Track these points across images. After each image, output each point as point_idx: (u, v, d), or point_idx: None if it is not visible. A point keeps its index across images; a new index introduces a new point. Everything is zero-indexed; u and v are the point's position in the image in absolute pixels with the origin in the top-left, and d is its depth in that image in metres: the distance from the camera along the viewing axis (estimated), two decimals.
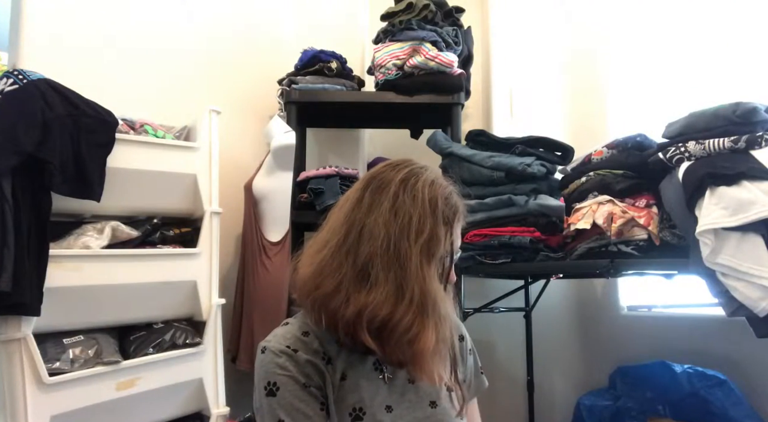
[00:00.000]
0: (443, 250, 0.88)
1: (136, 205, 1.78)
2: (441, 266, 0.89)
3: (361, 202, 0.90)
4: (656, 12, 2.24)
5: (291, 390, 0.84)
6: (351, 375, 0.89)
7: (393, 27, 2.18)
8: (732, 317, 1.37)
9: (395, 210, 0.87)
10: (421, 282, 0.84)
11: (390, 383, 0.91)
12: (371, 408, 0.87)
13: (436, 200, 0.89)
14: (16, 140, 1.41)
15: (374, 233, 0.86)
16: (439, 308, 0.85)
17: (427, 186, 0.90)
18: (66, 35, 1.96)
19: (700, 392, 1.77)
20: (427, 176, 0.92)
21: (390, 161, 0.97)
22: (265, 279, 2.08)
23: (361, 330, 0.84)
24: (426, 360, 0.84)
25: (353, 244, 0.87)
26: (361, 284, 0.85)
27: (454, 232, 0.91)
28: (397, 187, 0.89)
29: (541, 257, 1.85)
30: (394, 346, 0.85)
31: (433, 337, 0.84)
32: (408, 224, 0.86)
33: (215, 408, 1.82)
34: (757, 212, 1.30)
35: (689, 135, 1.52)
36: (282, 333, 0.91)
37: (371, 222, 0.87)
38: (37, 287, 1.43)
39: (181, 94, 2.27)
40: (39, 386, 1.43)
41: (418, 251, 0.85)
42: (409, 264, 0.84)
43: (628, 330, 2.30)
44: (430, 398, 0.93)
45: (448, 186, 0.94)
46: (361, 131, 2.72)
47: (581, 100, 2.55)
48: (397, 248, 0.85)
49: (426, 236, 0.86)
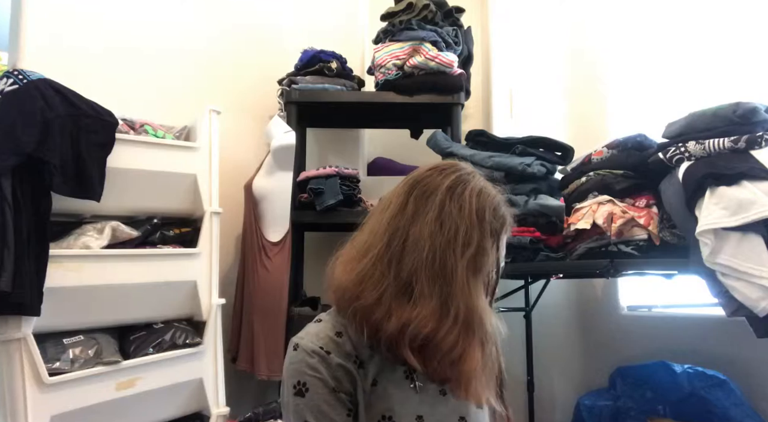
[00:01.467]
0: (489, 264, 0.85)
1: (136, 205, 1.78)
2: (487, 280, 0.86)
3: (405, 208, 0.87)
4: (656, 12, 2.24)
5: (320, 394, 0.81)
6: (381, 381, 0.85)
7: (393, 27, 2.18)
8: (732, 317, 1.37)
9: (441, 220, 0.84)
10: (467, 298, 0.81)
11: (421, 392, 0.86)
12: (401, 418, 0.83)
13: (483, 211, 0.85)
14: (16, 140, 1.41)
15: (419, 245, 0.83)
16: (485, 325, 0.82)
17: (475, 196, 0.86)
18: (66, 35, 1.96)
19: (700, 392, 1.77)
20: (475, 184, 0.88)
21: (436, 164, 0.93)
22: (265, 279, 2.08)
23: (403, 346, 0.81)
24: (472, 380, 0.82)
25: (396, 254, 0.84)
26: (404, 298, 0.82)
27: (500, 244, 0.88)
28: (443, 195, 0.85)
29: (541, 257, 1.85)
30: (438, 364, 0.82)
31: (479, 356, 0.81)
32: (454, 236, 0.83)
33: (215, 408, 1.82)
34: (757, 212, 1.30)
35: (689, 135, 1.52)
36: (315, 331, 0.87)
37: (416, 232, 0.84)
38: (37, 287, 1.43)
39: (181, 94, 2.27)
40: (39, 386, 1.43)
41: (464, 265, 0.82)
42: (454, 279, 0.81)
43: (628, 330, 2.30)
44: (460, 413, 0.88)
45: (496, 195, 0.90)
46: (361, 131, 2.72)
47: (581, 100, 2.55)
48: (442, 261, 0.82)
49: (473, 249, 0.83)
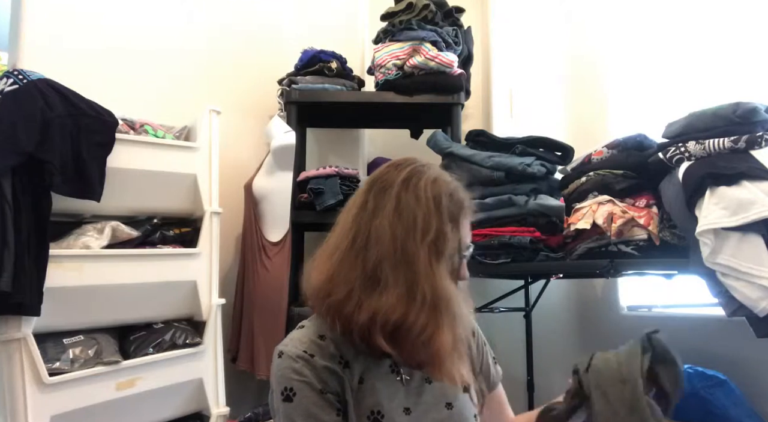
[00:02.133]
0: (451, 247, 0.87)
1: (136, 205, 1.78)
2: (451, 263, 0.88)
3: (366, 205, 0.90)
4: (656, 12, 2.24)
5: (307, 396, 0.83)
6: (368, 378, 0.87)
7: (393, 27, 2.18)
8: (732, 317, 1.37)
9: (399, 211, 0.87)
10: (432, 281, 0.84)
11: (407, 385, 0.90)
12: (389, 412, 0.86)
13: (440, 198, 0.88)
14: (16, 140, 1.41)
15: (381, 237, 0.86)
16: (452, 306, 0.85)
17: (430, 184, 0.89)
18: (66, 35, 1.96)
19: (700, 392, 1.76)
20: (429, 175, 0.91)
21: (392, 161, 0.97)
22: (265, 279, 2.08)
23: (376, 334, 0.83)
24: (444, 360, 0.84)
25: (361, 249, 0.87)
26: (372, 289, 0.85)
27: (461, 228, 0.90)
28: (399, 187, 0.89)
29: (541, 257, 1.85)
30: (411, 348, 0.85)
31: (449, 336, 0.84)
32: (413, 224, 0.85)
33: (215, 408, 1.82)
34: (757, 212, 1.30)
35: (689, 135, 1.52)
36: (298, 336, 0.90)
37: (377, 225, 0.87)
38: (37, 287, 1.43)
39: (181, 94, 2.27)
40: (39, 386, 1.43)
41: (426, 251, 0.85)
42: (417, 264, 0.84)
43: (628, 330, 2.29)
44: (447, 399, 0.92)
45: (451, 182, 0.93)
46: (361, 131, 2.72)
47: (581, 100, 2.54)
48: (404, 249, 0.84)
49: (432, 234, 0.85)
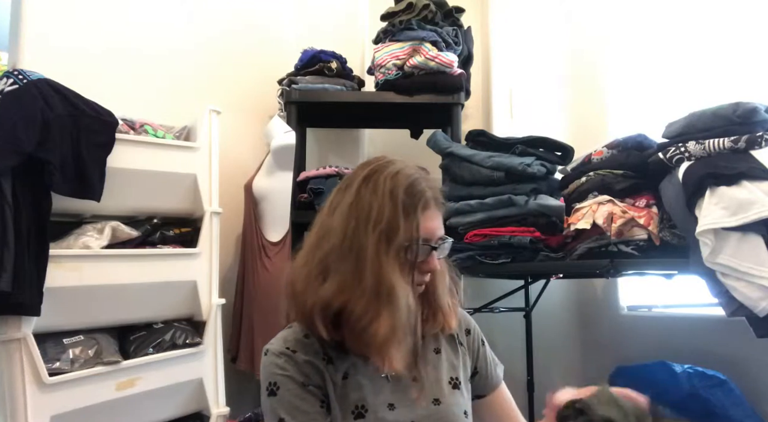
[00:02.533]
0: (403, 237, 0.86)
1: (136, 205, 1.78)
2: (405, 254, 0.87)
3: (331, 204, 0.93)
4: (656, 12, 2.24)
5: (290, 389, 0.86)
6: (353, 374, 0.90)
7: (393, 27, 2.18)
8: (732, 317, 1.37)
9: (356, 205, 0.88)
10: (376, 270, 0.84)
11: (393, 381, 0.92)
12: (373, 406, 0.88)
13: (396, 190, 0.88)
14: (16, 140, 1.41)
15: (334, 230, 0.88)
16: (395, 295, 0.84)
17: (390, 178, 0.89)
18: (66, 35, 1.96)
19: (700, 392, 1.76)
20: (392, 169, 0.91)
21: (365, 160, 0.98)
22: (265, 279, 2.08)
23: (318, 321, 0.86)
24: (382, 347, 0.85)
25: (318, 245, 0.90)
26: (323, 279, 0.87)
27: (421, 218, 0.88)
28: (359, 183, 0.90)
29: (541, 257, 1.85)
30: (351, 336, 0.87)
31: (388, 324, 0.83)
32: (367, 216, 0.86)
33: (215, 408, 1.82)
34: (757, 212, 1.30)
35: (689, 135, 1.52)
36: (284, 335, 0.93)
37: (332, 220, 0.90)
38: (37, 287, 1.43)
39: (181, 95, 2.27)
40: (39, 386, 1.43)
41: (375, 240, 0.85)
42: (365, 254, 0.85)
43: (628, 330, 2.30)
44: (434, 395, 0.93)
45: (413, 175, 0.91)
46: (361, 131, 2.72)
47: (581, 100, 2.55)
48: (353, 239, 0.86)
49: (383, 224, 0.86)
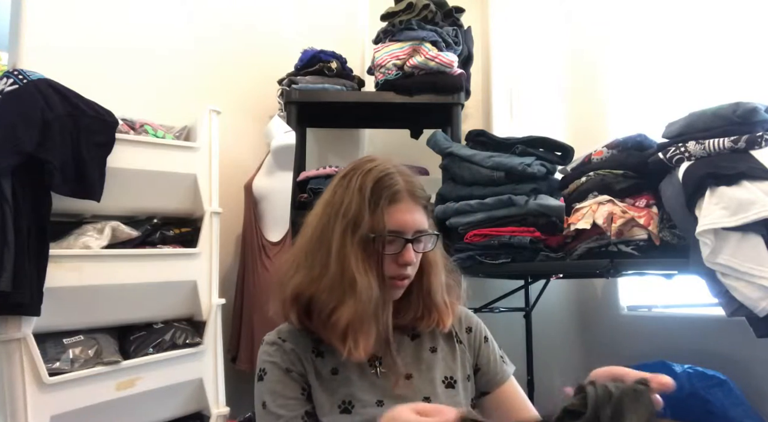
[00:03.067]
0: (368, 229, 0.87)
1: (136, 205, 1.78)
2: (372, 245, 0.88)
3: (315, 204, 0.97)
4: (656, 12, 2.24)
5: (275, 374, 0.90)
6: (343, 370, 0.91)
7: (393, 27, 2.18)
8: (732, 317, 1.37)
9: (330, 201, 0.92)
10: (341, 261, 0.87)
11: (383, 378, 0.92)
12: (362, 402, 0.89)
13: (365, 184, 0.90)
14: (16, 140, 1.41)
15: (308, 225, 0.94)
16: (357, 285, 0.86)
17: (362, 175, 0.91)
18: (66, 35, 1.96)
19: (700, 392, 1.76)
20: (366, 167, 0.92)
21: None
22: (265, 279, 2.08)
23: (293, 311, 0.91)
24: (344, 334, 0.86)
25: (295, 241, 0.96)
26: (294, 271, 0.92)
27: (385, 210, 0.88)
28: (338, 181, 0.94)
29: (541, 257, 1.85)
30: (319, 323, 0.90)
31: (350, 312, 0.85)
32: (337, 211, 0.90)
33: (215, 408, 1.82)
34: (757, 212, 1.30)
35: (689, 135, 1.52)
36: (281, 327, 0.98)
37: (309, 217, 0.95)
38: (37, 287, 1.43)
39: (181, 95, 2.27)
40: (39, 386, 1.43)
41: (341, 232, 0.88)
42: (332, 245, 0.88)
43: (628, 330, 2.30)
44: (424, 394, 0.93)
45: (386, 170, 0.91)
46: (361, 131, 2.72)
47: (581, 100, 2.54)
48: (323, 232, 0.90)
49: (350, 217, 0.88)
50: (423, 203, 0.94)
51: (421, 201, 0.93)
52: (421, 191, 0.94)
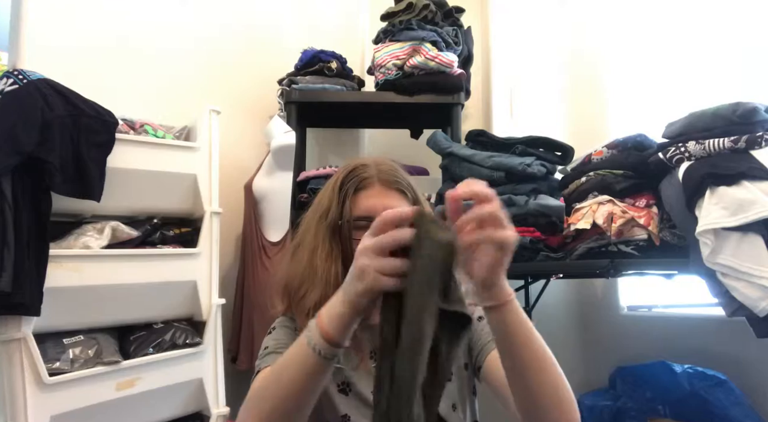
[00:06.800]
0: (335, 216, 0.92)
1: (136, 205, 1.78)
2: (341, 231, 0.92)
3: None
4: (656, 12, 2.24)
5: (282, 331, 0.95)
6: (345, 363, 0.93)
7: (393, 27, 2.17)
8: (732, 317, 1.37)
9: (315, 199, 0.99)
10: (311, 248, 0.93)
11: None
12: (358, 386, 0.92)
13: (339, 177, 0.95)
14: (16, 140, 1.41)
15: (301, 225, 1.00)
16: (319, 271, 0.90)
17: (341, 171, 0.96)
18: (66, 35, 1.96)
19: (700, 392, 1.76)
20: (350, 164, 0.97)
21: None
22: (265, 279, 2.08)
23: (279, 299, 0.97)
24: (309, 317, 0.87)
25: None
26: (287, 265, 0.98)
27: (350, 197, 0.92)
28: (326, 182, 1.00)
29: (541, 257, 1.85)
30: (295, 308, 0.94)
31: (315, 296, 0.89)
32: (316, 205, 0.97)
33: (215, 408, 1.82)
34: (757, 212, 1.30)
35: (689, 135, 1.52)
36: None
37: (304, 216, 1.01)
38: (37, 287, 1.43)
39: (181, 95, 2.27)
40: (39, 386, 1.43)
41: (315, 222, 0.95)
42: (308, 235, 0.95)
43: (628, 330, 2.30)
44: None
45: (362, 162, 0.96)
46: (361, 131, 2.72)
47: (581, 100, 2.55)
48: (307, 226, 0.97)
49: (323, 208, 0.94)
50: (400, 189, 0.94)
51: (396, 187, 0.93)
52: (397, 179, 0.94)
